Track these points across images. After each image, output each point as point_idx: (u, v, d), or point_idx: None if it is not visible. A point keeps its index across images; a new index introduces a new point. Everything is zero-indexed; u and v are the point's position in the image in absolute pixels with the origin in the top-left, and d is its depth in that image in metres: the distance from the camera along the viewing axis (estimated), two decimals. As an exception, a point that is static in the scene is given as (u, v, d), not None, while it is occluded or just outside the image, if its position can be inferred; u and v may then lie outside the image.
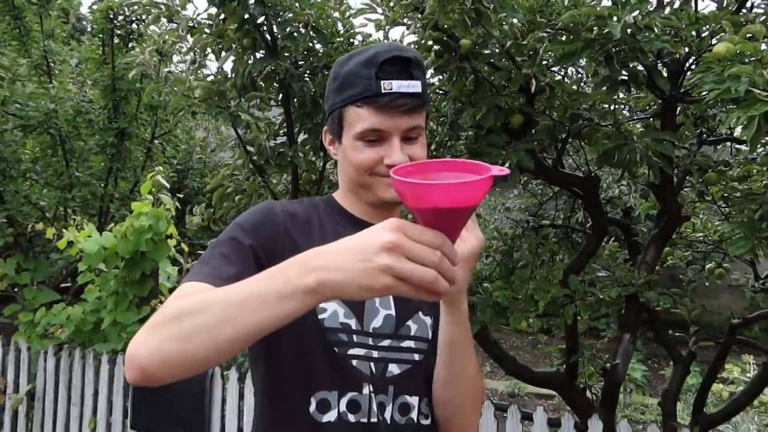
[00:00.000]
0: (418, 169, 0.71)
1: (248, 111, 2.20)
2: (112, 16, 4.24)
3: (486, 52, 1.78)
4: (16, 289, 4.41)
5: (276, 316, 0.67)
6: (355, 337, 0.96)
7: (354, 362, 0.95)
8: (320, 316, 0.95)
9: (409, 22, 1.86)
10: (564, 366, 2.55)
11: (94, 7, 4.40)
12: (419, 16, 1.79)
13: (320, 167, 2.55)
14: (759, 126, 1.42)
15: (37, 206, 4.53)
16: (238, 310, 0.68)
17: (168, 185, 3.60)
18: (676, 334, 2.80)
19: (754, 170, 2.55)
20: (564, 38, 1.74)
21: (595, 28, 1.65)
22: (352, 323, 0.96)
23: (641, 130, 2.24)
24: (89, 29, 6.18)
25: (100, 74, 4.34)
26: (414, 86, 0.96)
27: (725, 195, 2.50)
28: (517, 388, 5.55)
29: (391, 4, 1.80)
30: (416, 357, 0.99)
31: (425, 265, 0.62)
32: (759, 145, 2.39)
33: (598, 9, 1.62)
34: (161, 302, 3.59)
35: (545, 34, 1.75)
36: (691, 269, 2.94)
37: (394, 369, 0.97)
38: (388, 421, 0.96)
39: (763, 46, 1.57)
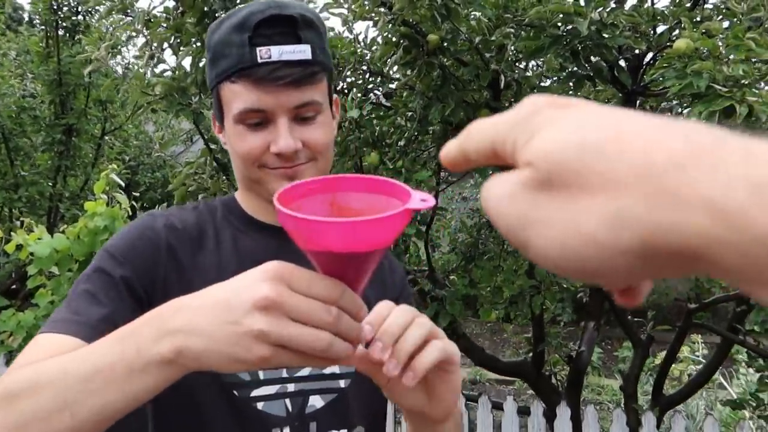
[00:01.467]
0: (320, 187, 0.53)
1: (210, 108, 2.13)
2: (56, 6, 4.05)
3: (454, 48, 1.78)
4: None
5: (126, 396, 0.52)
6: (261, 374, 0.80)
7: (259, 405, 0.79)
8: None
9: (376, 18, 1.84)
10: (531, 355, 2.61)
11: (36, -3, 4.18)
12: (385, 11, 1.78)
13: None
14: (719, 120, 1.48)
15: (-21, 207, 4.32)
16: (77, 391, 0.52)
17: (123, 183, 3.47)
18: (635, 319, 2.90)
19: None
20: (531, 34, 1.76)
21: (560, 24, 1.67)
22: None
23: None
24: (27, 19, 5.90)
25: (45, 68, 4.14)
26: (301, 51, 0.76)
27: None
28: (479, 374, 5.66)
29: (357, 2, 1.78)
30: (342, 383, 0.83)
31: (315, 326, 0.47)
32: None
33: (565, 6, 1.65)
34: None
35: (512, 30, 1.76)
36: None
37: (316, 402, 0.82)
38: None
39: (719, 42, 1.63)
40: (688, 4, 2.02)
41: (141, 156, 6.84)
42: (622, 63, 1.94)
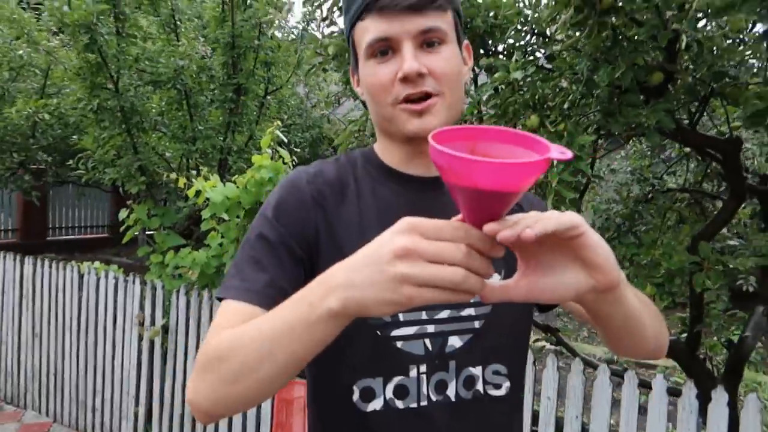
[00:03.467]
0: (463, 135, 0.59)
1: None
2: (231, -27, 4.40)
3: (630, 7, 1.70)
4: (146, 233, 4.83)
5: (309, 344, 0.63)
6: (401, 317, 0.86)
7: (399, 344, 0.85)
8: None
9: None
10: (685, 335, 2.47)
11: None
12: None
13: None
14: None
15: (164, 157, 4.89)
16: (271, 344, 0.64)
17: (285, 140, 3.76)
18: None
19: None
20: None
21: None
22: None
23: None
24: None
25: (221, 32, 4.54)
26: None
27: None
28: (614, 354, 5.43)
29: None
30: (476, 324, 0.88)
31: (450, 264, 0.54)
32: None
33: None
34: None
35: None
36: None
37: (455, 342, 0.87)
38: (452, 399, 0.86)
39: None
40: None
41: (293, 116, 7.30)
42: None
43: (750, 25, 1.88)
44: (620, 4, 1.76)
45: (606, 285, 0.62)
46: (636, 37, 1.83)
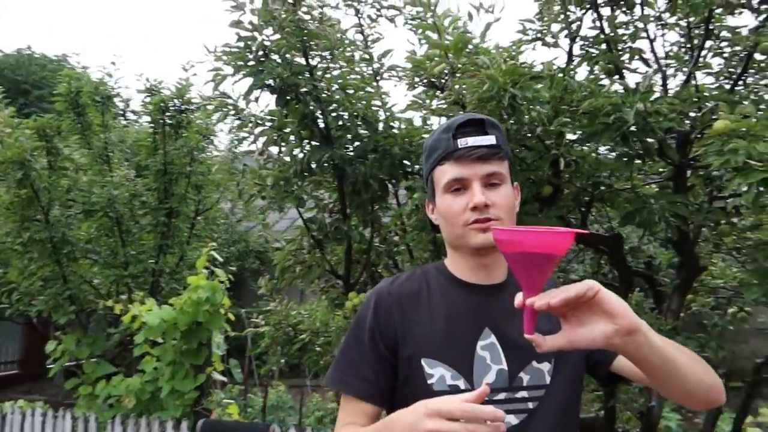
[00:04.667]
0: (513, 229, 0.85)
1: (311, 194, 2.52)
2: (164, 108, 4.69)
3: (518, 136, 2.10)
4: (68, 365, 4.67)
5: None
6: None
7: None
8: (428, 381, 1.04)
9: (451, 114, 2.20)
10: (603, 411, 2.73)
11: (147, 99, 4.86)
12: (461, 110, 2.13)
13: (368, 239, 2.85)
14: (758, 190, 1.70)
15: (92, 284, 4.87)
16: None
17: (221, 259, 3.91)
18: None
19: (764, 219, 2.80)
20: (585, 121, 2.06)
21: (611, 113, 1.96)
22: (461, 383, 1.04)
23: (656, 190, 2.52)
24: (134, 117, 6.72)
25: (153, 160, 4.75)
26: (487, 139, 1.06)
27: (737, 245, 2.75)
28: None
29: (435, 102, 2.14)
30: (530, 405, 1.04)
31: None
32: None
33: (613, 98, 1.94)
34: (215, 369, 3.84)
35: (568, 119, 2.07)
36: (716, 314, 3.14)
37: (511, 420, 1.02)
38: None
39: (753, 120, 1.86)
40: (728, 86, 2.27)
41: (220, 233, 7.43)
42: (669, 140, 2.19)
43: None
44: (509, 133, 2.17)
45: (626, 327, 0.81)
46: (527, 160, 2.23)
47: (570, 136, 2.19)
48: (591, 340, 0.82)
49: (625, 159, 2.02)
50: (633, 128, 1.93)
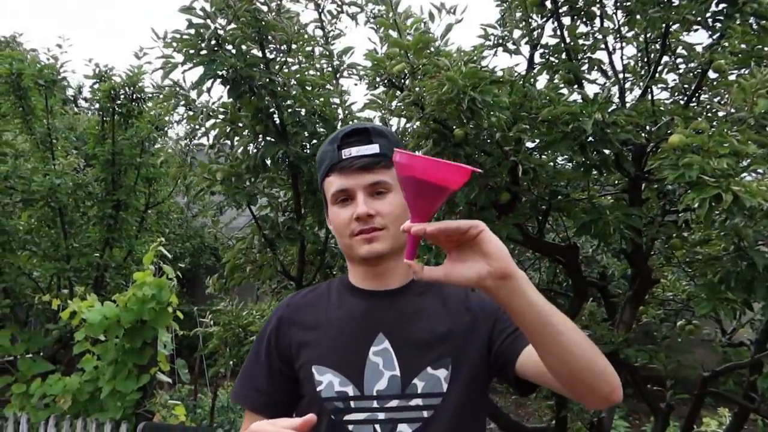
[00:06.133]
0: (413, 155, 0.84)
1: (263, 191, 2.42)
2: (113, 95, 4.49)
3: (478, 141, 2.06)
4: (9, 359, 4.43)
5: None
6: (352, 403, 1.03)
7: (350, 427, 1.02)
8: (317, 388, 1.06)
9: (410, 114, 2.14)
10: (554, 422, 2.72)
11: (96, 86, 4.65)
12: (417, 109, 2.08)
13: (322, 239, 2.77)
14: (710, 206, 1.70)
15: (31, 277, 4.62)
16: None
17: (170, 255, 3.76)
18: (655, 388, 3.01)
19: (713, 234, 2.85)
20: (544, 129, 2.03)
21: (569, 122, 1.94)
22: (349, 390, 1.04)
23: (611, 202, 2.53)
24: (86, 104, 6.45)
25: (100, 149, 4.55)
26: (371, 148, 1.07)
27: (688, 259, 2.79)
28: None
29: (395, 102, 2.08)
30: (425, 414, 1.02)
31: None
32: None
33: (572, 107, 1.92)
34: (160, 370, 3.68)
35: (527, 126, 2.04)
36: (665, 326, 3.19)
37: (404, 429, 1.01)
38: None
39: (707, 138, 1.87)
40: (683, 102, 2.29)
41: (174, 227, 7.21)
42: (626, 153, 2.19)
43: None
44: (469, 138, 2.12)
45: (500, 270, 0.81)
46: (486, 165, 2.19)
47: (528, 144, 2.17)
48: (466, 278, 0.82)
49: (583, 169, 2.00)
50: (591, 138, 1.92)
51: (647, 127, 2.17)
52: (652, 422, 5.15)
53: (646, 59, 2.50)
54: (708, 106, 2.22)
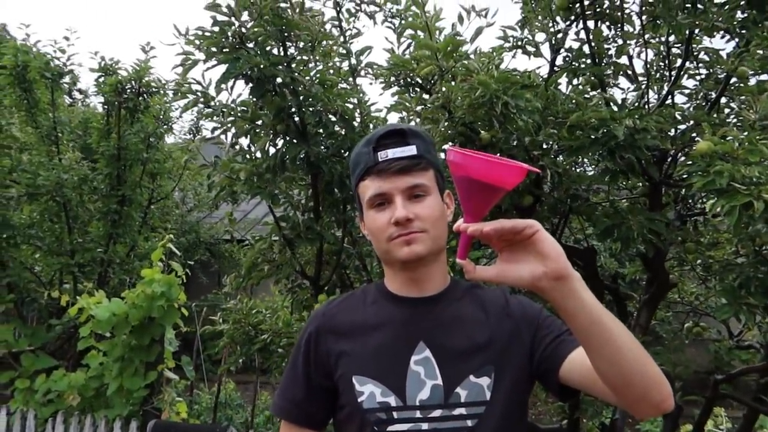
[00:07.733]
0: (466, 153, 0.81)
1: (284, 191, 2.42)
2: (120, 89, 4.46)
3: (506, 146, 2.06)
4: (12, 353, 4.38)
5: None
6: (395, 414, 1.00)
7: None
8: (359, 399, 1.03)
9: (437, 117, 2.14)
10: (566, 422, 2.74)
11: (101, 79, 4.61)
12: (448, 114, 2.08)
13: (339, 239, 2.77)
14: (740, 213, 1.71)
15: (33, 272, 4.58)
16: None
17: (179, 252, 3.73)
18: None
19: (722, 239, 2.89)
20: (570, 134, 2.04)
21: (598, 128, 1.95)
22: (391, 400, 1.02)
23: (626, 205, 2.55)
24: (80, 96, 6.38)
25: (105, 144, 4.51)
26: (408, 150, 1.03)
27: (700, 262, 2.82)
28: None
29: (421, 106, 2.08)
30: (469, 423, 1.00)
31: None
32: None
33: (601, 112, 1.93)
34: (167, 367, 3.66)
35: (555, 131, 2.05)
36: (672, 329, 3.23)
37: None
38: None
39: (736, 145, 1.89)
40: (705, 107, 2.31)
41: (174, 223, 7.17)
42: (651, 158, 2.20)
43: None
44: (494, 140, 2.13)
45: (555, 271, 0.79)
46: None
47: (555, 149, 2.18)
48: (519, 278, 0.81)
49: (611, 174, 2.02)
50: (620, 144, 1.93)
51: (669, 133, 2.19)
52: (652, 422, 5.20)
53: (665, 64, 2.51)
54: (735, 112, 2.24)
